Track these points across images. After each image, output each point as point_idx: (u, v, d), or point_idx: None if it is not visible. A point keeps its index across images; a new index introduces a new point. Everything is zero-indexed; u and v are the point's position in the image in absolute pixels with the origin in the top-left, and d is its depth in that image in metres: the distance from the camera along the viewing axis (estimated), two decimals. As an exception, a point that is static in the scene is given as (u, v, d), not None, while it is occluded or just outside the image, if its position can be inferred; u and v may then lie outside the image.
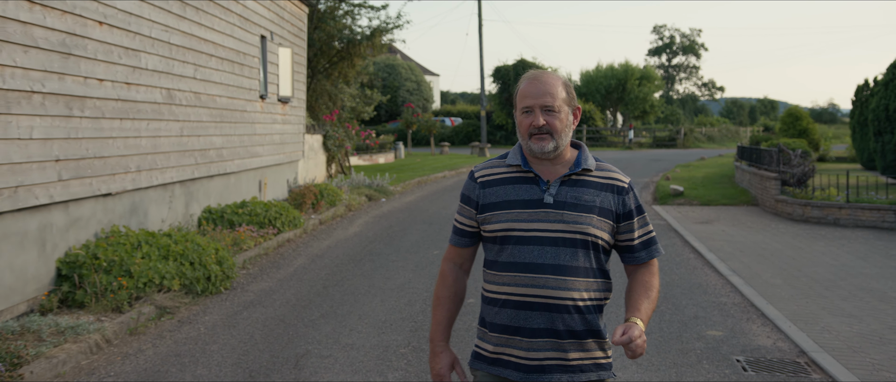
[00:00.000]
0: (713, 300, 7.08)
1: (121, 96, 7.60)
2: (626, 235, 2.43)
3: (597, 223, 2.35)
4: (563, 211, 2.33)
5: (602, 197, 2.38)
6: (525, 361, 2.34)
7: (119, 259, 6.60)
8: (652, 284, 2.43)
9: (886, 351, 5.45)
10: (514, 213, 2.36)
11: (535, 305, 2.32)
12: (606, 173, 2.42)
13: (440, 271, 2.55)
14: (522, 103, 2.38)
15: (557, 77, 2.41)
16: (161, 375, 5.01)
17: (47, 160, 6.29)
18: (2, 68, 5.65)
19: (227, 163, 10.98)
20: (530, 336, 2.33)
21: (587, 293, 2.34)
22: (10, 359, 4.40)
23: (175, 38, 9.00)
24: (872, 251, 9.38)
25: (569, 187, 2.37)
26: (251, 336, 5.88)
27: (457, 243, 2.54)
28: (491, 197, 2.41)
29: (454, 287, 2.52)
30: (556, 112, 2.35)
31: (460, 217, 2.52)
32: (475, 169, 2.50)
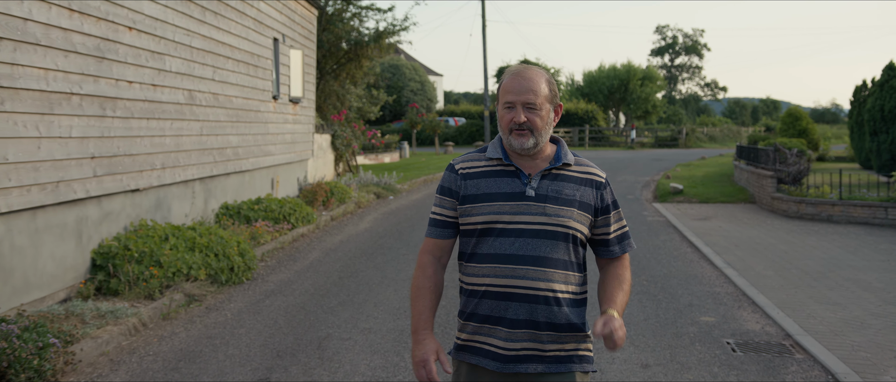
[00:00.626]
0: (707, 289, 7.51)
1: (147, 97, 8.04)
2: (603, 229, 2.48)
3: (577, 217, 2.39)
4: (545, 204, 2.37)
5: (581, 191, 2.42)
6: (503, 351, 2.37)
7: (149, 250, 7.05)
8: (624, 277, 2.48)
9: (866, 334, 5.87)
10: (497, 205, 2.38)
11: (515, 296, 2.34)
12: (585, 168, 2.47)
13: (418, 263, 2.53)
14: (505, 98, 2.40)
15: (541, 73, 2.42)
16: (196, 354, 5.44)
17: (84, 157, 6.73)
18: (46, 72, 6.09)
19: (243, 161, 11.42)
20: (510, 327, 2.35)
21: (566, 285, 2.38)
22: (64, 337, 4.84)
23: (196, 42, 9.44)
24: (862, 246, 9.80)
25: (549, 180, 2.41)
26: (275, 321, 6.32)
27: (436, 235, 2.52)
28: (472, 189, 2.42)
29: (434, 279, 2.50)
30: (537, 109, 2.37)
31: (439, 209, 2.51)
32: (455, 162, 2.51)
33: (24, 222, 5.94)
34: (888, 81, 16.82)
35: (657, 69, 73.24)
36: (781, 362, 5.32)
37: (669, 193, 15.93)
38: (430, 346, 2.40)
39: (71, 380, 4.83)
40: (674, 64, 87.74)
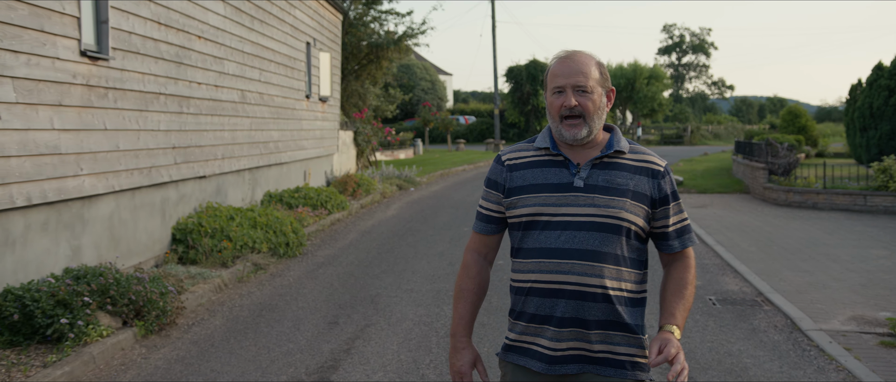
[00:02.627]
0: (698, 261, 8.70)
1: (211, 96, 9.28)
2: (661, 221, 2.30)
3: (630, 208, 2.22)
4: (595, 195, 2.21)
5: (636, 180, 2.25)
6: (550, 351, 2.23)
7: (220, 227, 8.28)
8: (686, 281, 2.31)
9: (825, 293, 7.06)
10: (543, 197, 2.25)
11: (563, 292, 2.20)
12: (641, 155, 2.30)
13: (463, 261, 2.42)
14: (553, 83, 2.27)
15: (591, 56, 2.30)
16: (273, 306, 6.67)
17: (168, 147, 7.97)
18: (143, 76, 7.32)
19: (282, 154, 12.65)
20: (558, 326, 2.21)
21: (619, 281, 2.21)
22: (178, 287, 6.07)
23: (246, 47, 10.67)
24: (839, 228, 10.97)
25: (600, 169, 2.25)
26: (331, 284, 7.54)
27: (481, 230, 2.41)
28: (518, 180, 2.31)
29: (477, 279, 2.39)
30: (589, 93, 2.24)
31: (485, 203, 2.40)
32: (502, 153, 2.41)
33: (127, 200, 7.18)
34: (877, 81, 17.94)
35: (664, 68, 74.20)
36: (752, 311, 6.52)
37: (671, 185, 17.11)
38: (467, 357, 2.32)
39: (182, 321, 6.07)
40: (681, 62, 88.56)
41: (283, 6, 12.58)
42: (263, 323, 6.12)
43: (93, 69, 6.34)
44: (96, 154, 6.40)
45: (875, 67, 18.21)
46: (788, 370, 5.05)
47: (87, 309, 5.21)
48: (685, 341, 5.65)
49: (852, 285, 7.38)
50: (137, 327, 5.52)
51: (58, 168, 5.81)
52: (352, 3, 20.17)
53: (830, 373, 4.98)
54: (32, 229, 5.62)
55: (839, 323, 6.05)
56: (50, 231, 5.84)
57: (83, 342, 5.07)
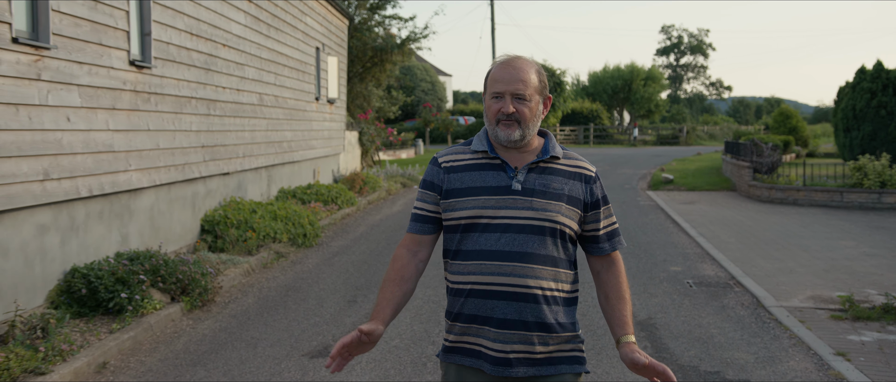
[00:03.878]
0: (680, 251, 9.52)
1: (234, 100, 10.08)
2: (592, 225, 2.38)
3: (565, 212, 2.30)
4: (533, 198, 2.27)
5: (570, 185, 2.33)
6: (493, 352, 2.28)
7: (244, 219, 9.09)
8: (624, 286, 2.39)
9: (790, 277, 7.87)
10: (482, 199, 2.28)
11: (502, 294, 2.25)
12: (574, 161, 2.38)
13: (393, 256, 2.42)
14: (493, 88, 2.31)
15: (531, 63, 2.34)
16: (297, 288, 7.48)
17: (198, 146, 8.77)
18: (178, 81, 8.13)
19: (294, 153, 13.45)
20: (499, 327, 2.26)
21: (555, 282, 2.29)
22: (216, 268, 6.88)
23: (264, 53, 11.48)
24: (814, 222, 11.79)
25: (537, 174, 2.31)
26: (347, 270, 8.35)
27: (415, 230, 2.42)
28: (456, 183, 2.33)
29: (401, 272, 2.37)
30: (526, 100, 2.29)
31: (421, 204, 2.42)
32: (438, 155, 2.43)
33: (164, 193, 7.99)
34: (859, 84, 18.76)
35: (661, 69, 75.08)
36: (723, 292, 7.34)
37: (662, 183, 17.94)
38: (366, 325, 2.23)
39: (219, 299, 6.88)
40: (679, 63, 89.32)
41: (296, 14, 13.38)
42: (291, 301, 6.93)
43: (138, 77, 7.15)
44: (141, 152, 7.21)
45: (858, 70, 19.02)
46: (748, 337, 5.86)
47: (142, 286, 6.02)
48: (662, 316, 6.46)
49: (816, 270, 8.20)
50: (184, 302, 6.34)
51: (112, 164, 6.61)
52: (357, 9, 20.98)
53: (783, 340, 5.80)
54: (91, 217, 6.42)
55: (798, 301, 6.87)
56: (104, 219, 6.65)
57: (140, 313, 5.88)
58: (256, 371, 5.03)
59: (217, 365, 5.15)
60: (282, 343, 5.68)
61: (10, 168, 5.14)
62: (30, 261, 5.51)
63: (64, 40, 5.83)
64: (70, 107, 5.92)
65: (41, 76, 5.51)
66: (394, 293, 2.34)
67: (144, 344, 5.58)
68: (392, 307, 2.32)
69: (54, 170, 5.68)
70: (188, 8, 8.37)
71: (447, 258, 2.37)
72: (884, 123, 17.87)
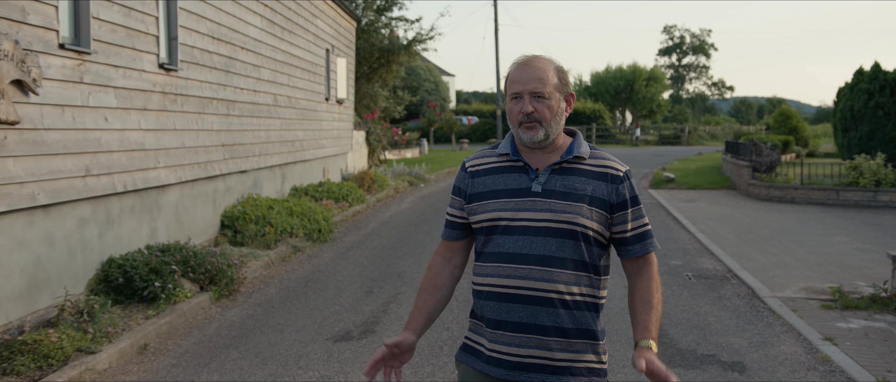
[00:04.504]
0: (680, 246, 9.91)
1: (250, 100, 10.48)
2: (620, 226, 2.31)
3: (587, 213, 2.24)
4: (551, 200, 2.24)
5: (594, 186, 2.26)
6: (508, 357, 2.25)
7: (261, 215, 9.48)
8: (652, 289, 2.31)
9: (785, 270, 8.26)
10: (502, 202, 2.28)
11: (518, 297, 2.23)
12: (601, 160, 2.32)
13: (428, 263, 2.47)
14: (512, 89, 2.29)
15: (549, 61, 2.31)
16: (316, 279, 7.87)
17: (218, 145, 9.17)
18: (201, 83, 8.53)
19: (305, 152, 13.85)
20: (514, 331, 2.24)
21: (576, 287, 2.24)
22: (241, 260, 7.27)
23: (278, 55, 11.88)
24: (811, 219, 12.17)
25: (559, 175, 2.28)
26: (361, 263, 8.74)
27: (447, 236, 2.46)
28: (479, 187, 2.34)
29: (435, 280, 2.42)
30: (546, 99, 2.26)
31: (451, 209, 2.45)
32: (467, 159, 2.44)
33: (188, 189, 8.39)
34: (857, 85, 19.14)
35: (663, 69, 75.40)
36: (721, 284, 7.73)
37: (663, 181, 18.33)
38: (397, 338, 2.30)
39: (244, 289, 7.28)
40: (681, 63, 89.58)
41: (307, 17, 13.77)
42: (311, 292, 7.33)
43: (166, 79, 7.55)
44: (169, 150, 7.61)
45: (856, 71, 19.39)
46: (743, 325, 6.25)
47: (173, 276, 6.41)
48: (666, 306, 6.83)
49: (810, 264, 8.58)
50: (212, 291, 6.74)
51: (143, 161, 7.01)
52: (364, 11, 21.38)
53: (776, 326, 6.19)
54: (125, 211, 6.82)
55: (791, 292, 7.25)
56: (136, 214, 7.05)
57: (173, 301, 6.28)
58: (285, 354, 5.43)
59: (248, 348, 5.55)
60: (306, 328, 6.07)
61: (57, 165, 5.53)
62: (72, 251, 5.91)
63: (102, 45, 6.23)
64: (107, 108, 6.31)
65: (83, 79, 5.91)
66: (426, 302, 2.38)
67: (179, 329, 5.98)
68: (424, 316, 2.37)
69: (94, 167, 6.08)
70: (210, 13, 8.77)
71: (475, 260, 2.38)
72: (881, 123, 18.24)
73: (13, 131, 4.99)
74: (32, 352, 4.70)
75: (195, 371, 5.03)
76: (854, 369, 5.08)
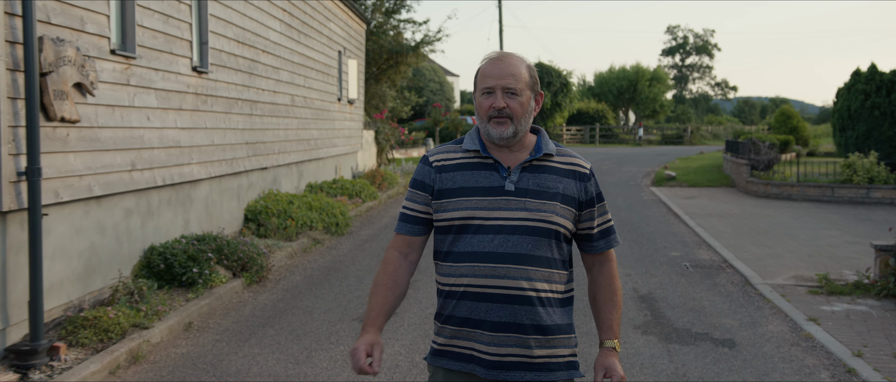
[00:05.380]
0: (680, 239, 10.43)
1: (271, 101, 11.02)
2: (587, 223, 2.36)
3: (560, 211, 2.26)
4: (526, 198, 2.24)
5: (564, 183, 2.29)
6: (487, 356, 2.24)
7: (283, 209, 10.03)
8: (614, 288, 2.37)
9: (777, 261, 8.78)
10: (474, 200, 2.25)
11: (496, 296, 2.21)
12: (568, 158, 2.34)
13: (383, 258, 2.40)
14: (483, 84, 2.27)
15: (521, 59, 2.31)
16: (337, 269, 8.41)
17: (242, 143, 9.71)
18: (228, 84, 9.07)
19: (319, 150, 14.39)
20: (493, 330, 2.22)
21: (550, 284, 2.26)
22: (269, 249, 7.82)
23: (295, 58, 12.42)
24: (806, 215, 12.69)
25: (530, 173, 2.28)
26: (378, 255, 9.28)
27: (405, 231, 2.39)
28: (447, 183, 2.30)
29: (394, 275, 2.36)
30: (517, 95, 2.25)
31: (410, 204, 2.38)
32: (429, 154, 2.40)
33: (216, 184, 8.94)
34: (854, 85, 19.64)
35: (666, 70, 75.80)
36: (716, 273, 8.25)
37: (665, 179, 18.85)
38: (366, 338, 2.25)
39: (271, 277, 7.83)
40: (684, 64, 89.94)
41: (321, 20, 14.32)
42: (333, 279, 7.87)
43: (198, 81, 8.09)
44: (200, 147, 8.15)
45: (853, 72, 19.90)
46: (735, 308, 6.77)
47: (210, 263, 6.96)
48: (661, 291, 7.38)
49: (801, 255, 9.11)
50: (244, 277, 7.28)
51: (179, 158, 7.56)
52: (373, 13, 21.93)
53: (765, 309, 6.71)
54: (162, 203, 7.37)
55: (782, 280, 7.78)
56: (172, 206, 7.60)
57: (209, 286, 6.82)
58: (317, 331, 5.97)
59: (282, 326, 6.09)
60: (333, 310, 6.61)
61: (109, 160, 6.08)
62: (120, 239, 6.45)
63: (145, 51, 6.78)
64: (149, 108, 6.86)
65: (129, 81, 6.46)
66: (387, 299, 2.34)
67: (217, 310, 6.53)
68: (385, 313, 2.33)
69: (138, 162, 6.62)
70: (236, 18, 9.32)
71: (438, 259, 2.35)
72: (877, 123, 18.74)
73: (74, 129, 5.53)
74: (94, 327, 5.25)
75: (238, 346, 5.57)
76: (833, 344, 5.60)
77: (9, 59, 4.77)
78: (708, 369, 5.14)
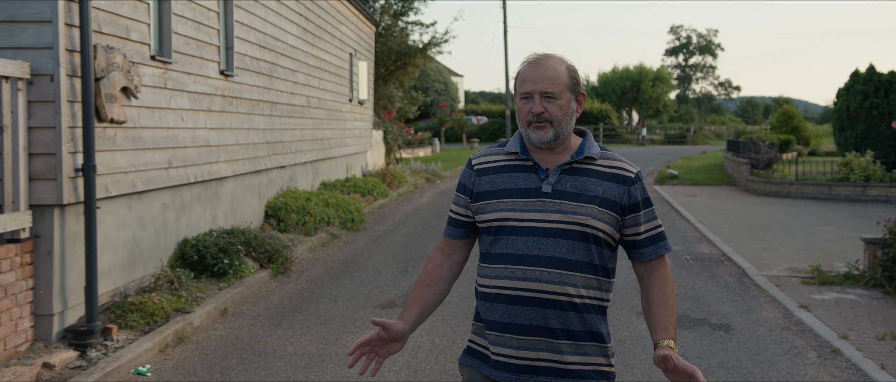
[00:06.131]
0: (682, 234, 10.88)
1: (288, 102, 11.49)
2: (632, 229, 2.27)
3: (598, 215, 2.20)
4: (562, 201, 2.20)
5: (605, 187, 2.22)
6: (515, 360, 2.21)
7: (301, 206, 10.50)
8: (667, 291, 2.27)
9: (774, 254, 9.23)
10: (510, 202, 2.24)
11: (527, 299, 2.19)
12: (612, 161, 2.28)
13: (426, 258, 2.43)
14: (521, 89, 2.26)
15: (561, 60, 2.27)
16: (355, 261, 8.88)
17: (263, 143, 10.18)
18: (250, 87, 9.55)
19: (332, 150, 14.86)
20: (522, 334, 2.19)
21: (585, 289, 2.20)
22: (292, 242, 8.29)
23: (310, 60, 12.89)
24: (803, 211, 13.13)
25: (569, 175, 2.24)
26: (393, 248, 9.75)
27: (449, 234, 2.42)
28: (486, 185, 2.30)
29: (433, 274, 2.39)
30: (556, 99, 2.22)
31: (455, 207, 2.41)
32: (473, 157, 2.40)
33: (240, 182, 9.41)
34: (853, 86, 20.06)
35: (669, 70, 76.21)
36: (715, 265, 8.71)
37: (667, 178, 19.29)
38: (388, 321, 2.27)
39: (295, 268, 8.30)
40: (688, 63, 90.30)
41: (334, 24, 14.80)
42: (353, 271, 8.34)
43: (225, 84, 8.57)
44: (227, 147, 8.63)
45: (852, 73, 20.32)
46: (732, 297, 7.23)
47: (239, 255, 7.43)
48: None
49: (797, 249, 9.55)
50: (271, 268, 7.75)
51: (208, 156, 8.03)
52: (382, 15, 22.41)
53: (760, 298, 7.17)
54: (194, 199, 7.84)
55: (777, 272, 8.23)
56: (202, 202, 8.07)
57: (239, 276, 7.29)
58: (342, 316, 6.43)
59: (310, 312, 6.56)
60: (356, 298, 7.08)
61: (149, 158, 6.55)
62: (157, 232, 6.93)
63: (179, 56, 7.25)
64: (183, 109, 7.34)
65: (166, 85, 6.93)
66: (423, 295, 2.35)
67: (249, 298, 7.00)
68: (419, 307, 2.34)
69: (174, 160, 7.10)
70: (258, 24, 9.79)
71: (480, 261, 2.34)
72: (875, 122, 19.16)
73: (120, 129, 6.00)
74: (140, 311, 5.72)
75: (271, 329, 6.04)
76: (821, 328, 6.06)
77: (68, 66, 5.25)
78: (705, 349, 5.60)
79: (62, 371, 4.87)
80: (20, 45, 5.12)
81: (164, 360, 5.26)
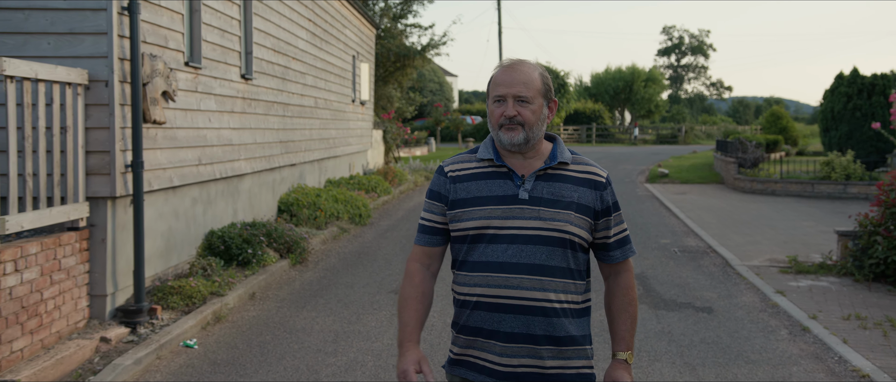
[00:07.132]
0: (670, 229, 11.55)
1: (299, 103, 12.10)
2: (603, 232, 2.33)
3: (575, 220, 2.24)
4: (540, 208, 2.23)
5: (580, 192, 2.27)
6: (499, 367, 2.24)
7: (312, 201, 11.11)
8: (631, 296, 2.35)
9: (756, 246, 9.90)
10: (488, 209, 2.24)
11: (510, 307, 2.21)
12: (584, 166, 2.32)
13: (405, 271, 2.39)
14: (495, 92, 2.27)
15: (534, 66, 2.30)
16: (366, 252, 9.50)
17: (277, 142, 10.79)
18: (267, 89, 10.16)
19: (336, 149, 15.46)
20: (506, 341, 2.22)
21: (566, 294, 2.24)
22: (309, 233, 8.91)
23: (318, 63, 13.50)
24: (786, 208, 13.82)
25: (544, 181, 2.27)
26: (399, 241, 10.37)
27: (425, 242, 2.38)
28: (462, 193, 2.28)
29: (421, 287, 2.35)
30: (529, 103, 2.24)
31: (428, 215, 2.38)
32: (444, 164, 2.38)
33: (256, 179, 10.02)
34: (837, 88, 20.79)
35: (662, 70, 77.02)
36: (701, 256, 9.37)
37: (658, 176, 19.98)
38: (411, 357, 2.25)
39: (311, 259, 8.92)
40: (680, 64, 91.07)
41: (339, 28, 15.42)
42: (365, 261, 8.96)
43: (245, 87, 9.18)
44: (246, 146, 9.24)
45: (837, 76, 21.04)
46: (715, 284, 7.89)
47: (261, 245, 8.05)
48: (652, 271, 8.48)
49: (777, 242, 10.23)
50: (290, 258, 8.37)
51: (231, 154, 8.64)
52: (382, 18, 23.04)
53: (740, 285, 7.83)
54: (217, 194, 8.45)
55: (758, 262, 8.89)
56: (224, 196, 8.68)
57: (262, 265, 7.91)
58: (360, 300, 7.06)
59: (330, 296, 7.18)
60: (370, 285, 7.71)
61: (183, 155, 7.16)
62: (188, 224, 7.54)
63: (208, 62, 7.86)
64: (211, 111, 7.94)
65: (197, 88, 7.54)
66: (419, 312, 2.34)
67: (273, 285, 7.62)
68: (419, 326, 2.33)
69: (203, 158, 7.71)
70: (273, 29, 10.40)
71: (454, 268, 2.35)
72: (859, 123, 19.88)
73: (160, 129, 6.61)
74: (179, 293, 6.34)
75: (297, 311, 6.66)
76: (794, 311, 6.72)
77: (120, 73, 5.85)
78: (689, 328, 6.25)
79: (117, 344, 5.48)
80: (79, 55, 5.72)
81: (206, 336, 5.88)
